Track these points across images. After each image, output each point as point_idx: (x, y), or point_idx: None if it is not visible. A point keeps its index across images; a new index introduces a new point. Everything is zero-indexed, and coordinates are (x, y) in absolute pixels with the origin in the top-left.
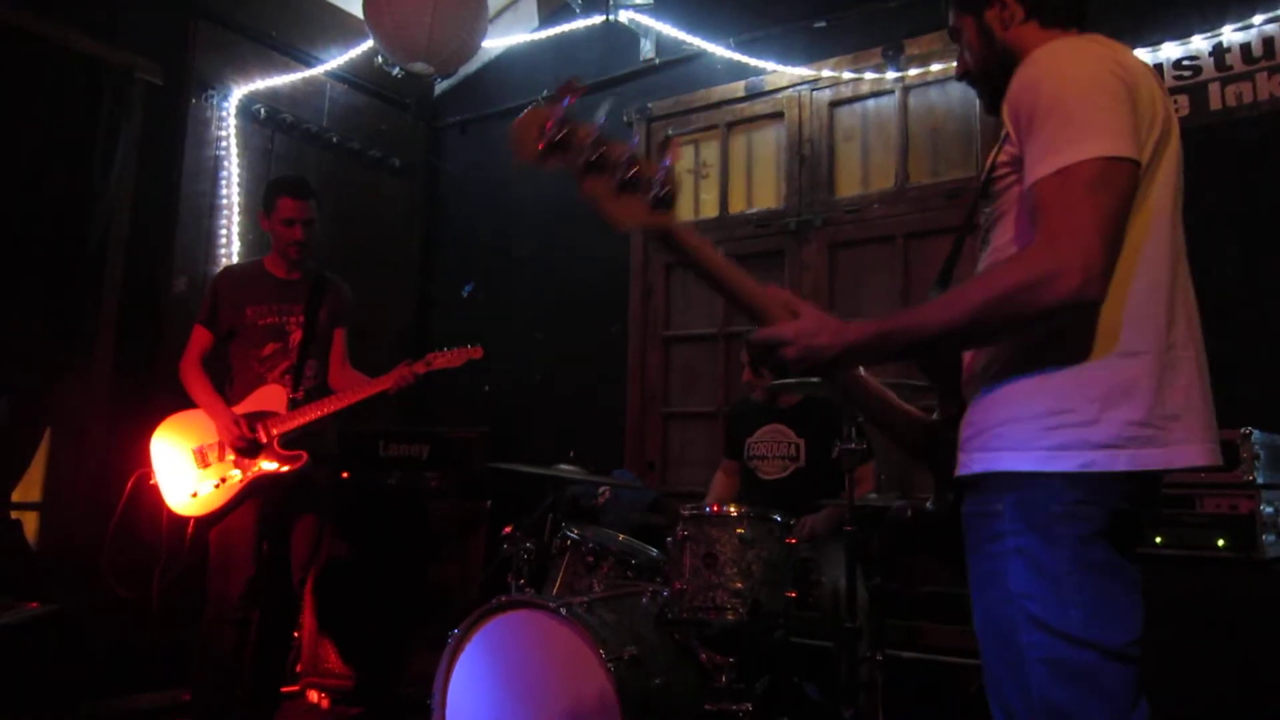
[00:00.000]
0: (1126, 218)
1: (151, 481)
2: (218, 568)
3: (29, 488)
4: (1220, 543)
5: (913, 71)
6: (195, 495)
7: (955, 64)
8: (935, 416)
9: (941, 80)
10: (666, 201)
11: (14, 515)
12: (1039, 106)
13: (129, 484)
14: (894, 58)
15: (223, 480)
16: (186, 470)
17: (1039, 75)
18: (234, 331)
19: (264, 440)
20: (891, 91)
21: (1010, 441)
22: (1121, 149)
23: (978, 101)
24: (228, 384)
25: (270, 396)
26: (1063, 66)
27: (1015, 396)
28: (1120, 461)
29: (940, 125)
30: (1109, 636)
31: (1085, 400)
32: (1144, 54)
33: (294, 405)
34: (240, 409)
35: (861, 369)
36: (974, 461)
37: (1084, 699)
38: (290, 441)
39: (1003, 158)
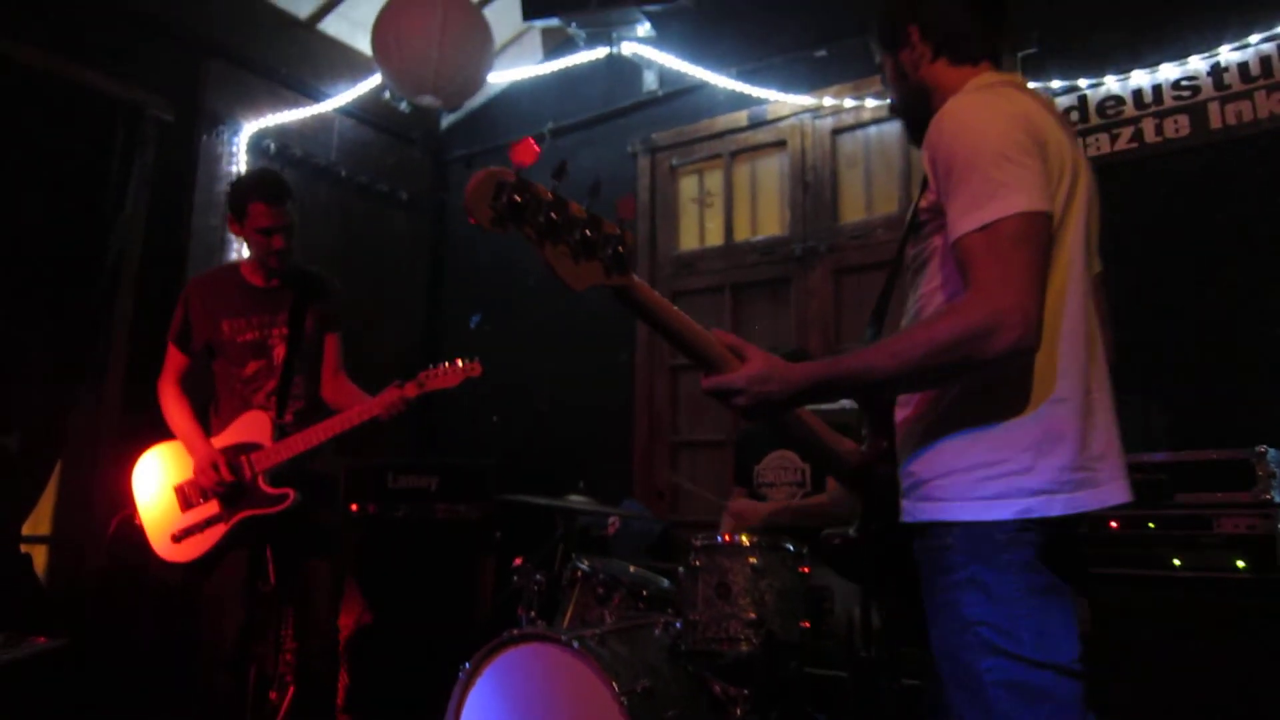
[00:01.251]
0: (1047, 268)
1: (136, 522)
2: (209, 613)
3: (39, 521)
4: (1240, 564)
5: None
6: (178, 540)
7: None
8: (864, 447)
9: None
10: (621, 262)
11: (24, 548)
12: (956, 163)
13: (111, 528)
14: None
15: (207, 524)
16: (169, 511)
17: (955, 131)
18: (212, 348)
19: (247, 478)
20: (893, 118)
21: (951, 493)
22: (1037, 204)
23: None
24: (212, 407)
25: (254, 424)
26: (976, 124)
27: (953, 447)
28: (1056, 506)
29: None
30: (1059, 654)
31: (1019, 449)
32: (1142, 75)
33: (281, 433)
34: (222, 440)
35: None
36: (919, 511)
37: (1045, 717)
38: (278, 476)
39: (924, 204)
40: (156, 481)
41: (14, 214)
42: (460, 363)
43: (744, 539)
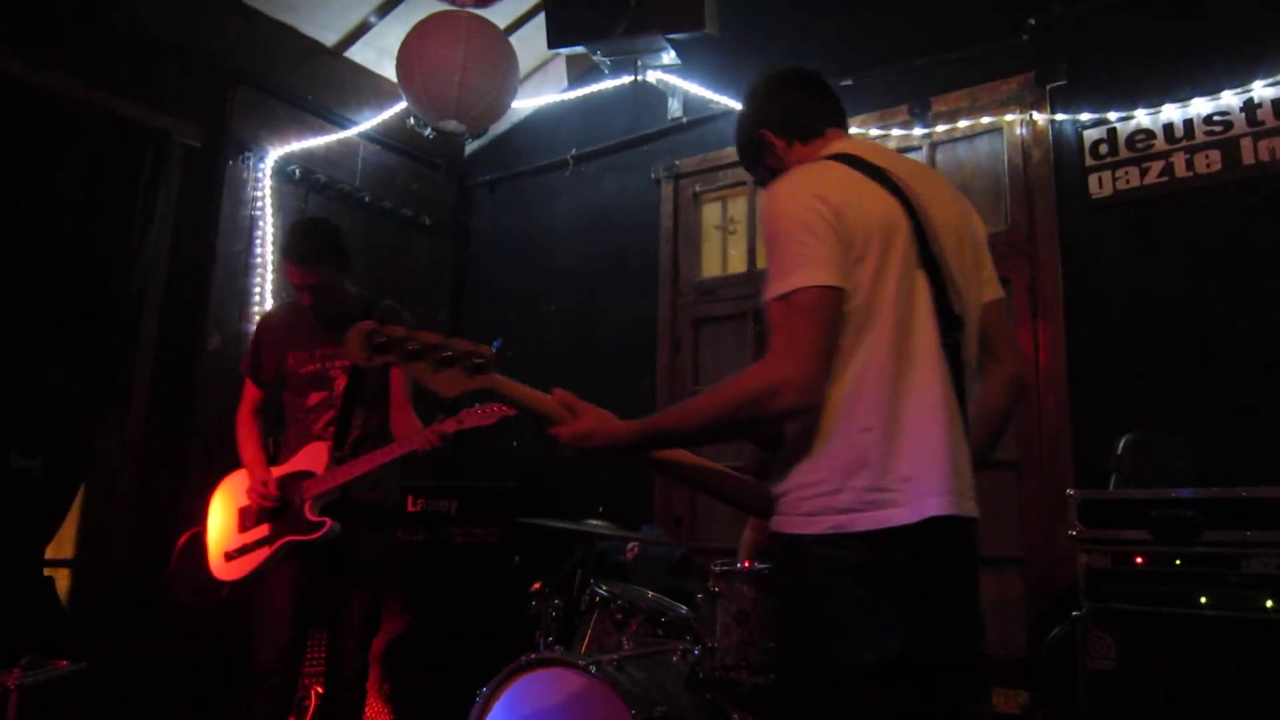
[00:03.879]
0: (835, 333)
1: (203, 540)
2: (250, 633)
3: (61, 544)
4: (1268, 603)
5: (940, 128)
6: (230, 559)
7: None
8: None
9: (969, 136)
10: (479, 368)
11: (47, 572)
12: (767, 238)
13: (181, 541)
14: (921, 114)
15: (256, 545)
16: (229, 530)
17: (766, 211)
18: (281, 380)
19: (296, 503)
20: (919, 148)
21: (785, 508)
22: (824, 279)
23: (1007, 156)
24: (283, 437)
25: (313, 454)
26: (779, 206)
27: (787, 472)
28: (860, 523)
29: (969, 180)
30: (853, 662)
31: (831, 472)
32: (1173, 109)
33: (337, 463)
34: (282, 469)
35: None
36: (771, 522)
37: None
38: (328, 505)
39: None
40: (226, 503)
41: (42, 239)
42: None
43: (762, 566)
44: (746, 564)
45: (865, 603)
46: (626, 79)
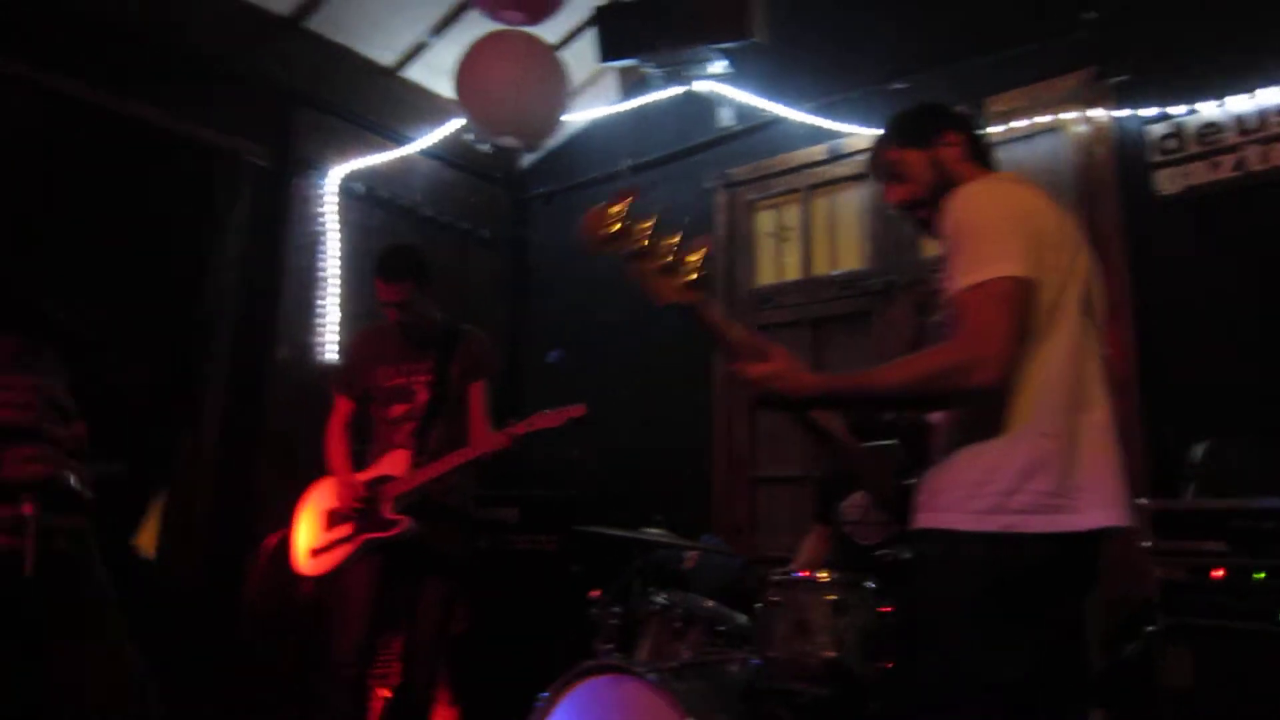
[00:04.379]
0: (1024, 324)
1: (291, 540)
2: (331, 629)
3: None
4: None
5: (997, 129)
6: (315, 556)
7: (891, 194)
8: (909, 481)
9: (1028, 136)
10: (697, 284)
11: None
12: (961, 230)
13: (271, 542)
14: (976, 115)
15: (338, 543)
16: (315, 530)
17: (965, 207)
18: (367, 394)
19: (379, 505)
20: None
21: (947, 504)
22: (1022, 270)
23: (1068, 155)
24: (371, 448)
25: (395, 461)
26: (983, 201)
27: (957, 467)
28: (1033, 524)
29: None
30: (995, 675)
31: (1008, 472)
32: (1243, 100)
33: (417, 469)
34: (367, 474)
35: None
36: (925, 517)
37: None
38: (407, 507)
39: (945, 277)
40: (315, 505)
41: (121, 257)
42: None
43: (822, 574)
44: (805, 573)
45: (1023, 614)
46: (677, 89)
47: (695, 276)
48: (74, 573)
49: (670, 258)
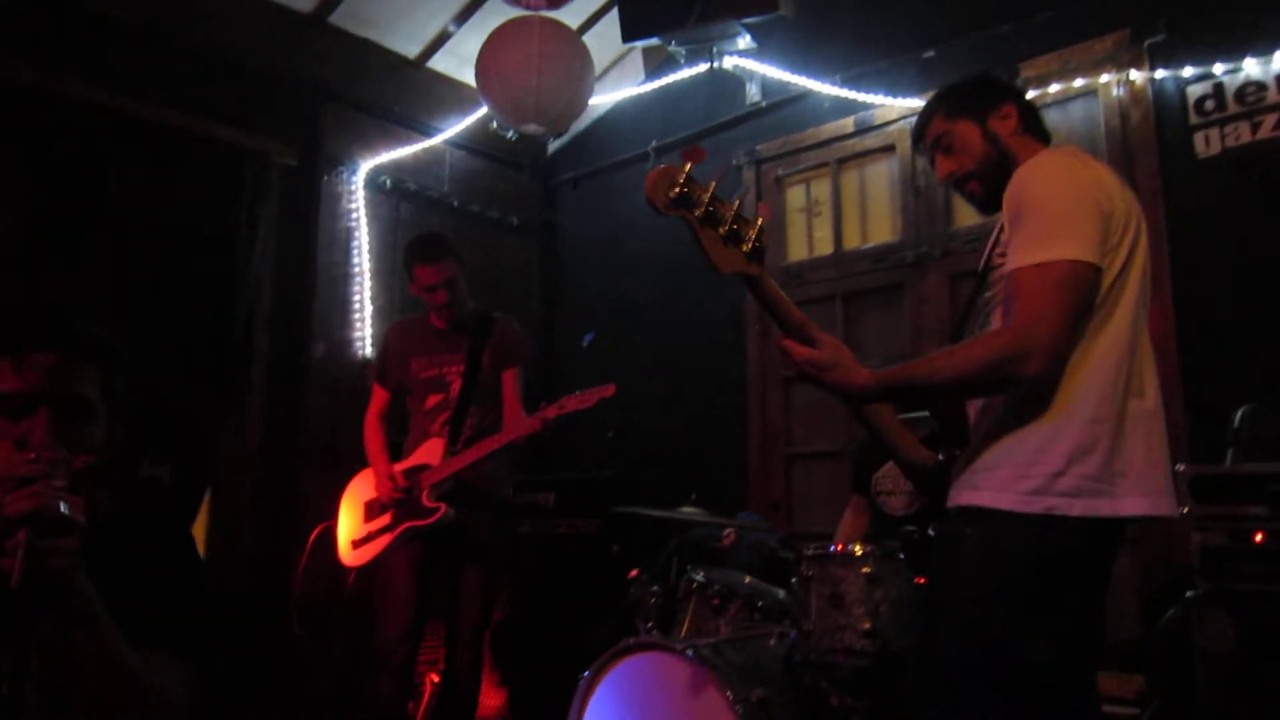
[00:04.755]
0: (1084, 311)
1: (334, 532)
2: (376, 616)
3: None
4: None
5: (1029, 94)
6: (357, 546)
7: (939, 167)
8: (941, 457)
9: (1062, 100)
10: (759, 254)
11: None
12: (1026, 205)
13: (314, 534)
14: (1009, 80)
15: (379, 533)
16: (357, 521)
17: (1032, 180)
18: (403, 385)
19: (415, 493)
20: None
21: (992, 483)
22: (1087, 255)
23: (1103, 119)
24: (405, 439)
25: (430, 450)
26: (1053, 177)
27: (1004, 448)
28: (1076, 507)
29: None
30: (1034, 655)
31: (1058, 454)
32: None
33: (452, 456)
34: (403, 464)
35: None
36: (964, 496)
37: (1005, 704)
38: (444, 494)
39: (1000, 250)
40: (354, 497)
41: (157, 263)
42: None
43: (856, 548)
44: (839, 547)
45: (1061, 600)
46: (703, 67)
47: (755, 246)
48: (65, 586)
49: (734, 225)
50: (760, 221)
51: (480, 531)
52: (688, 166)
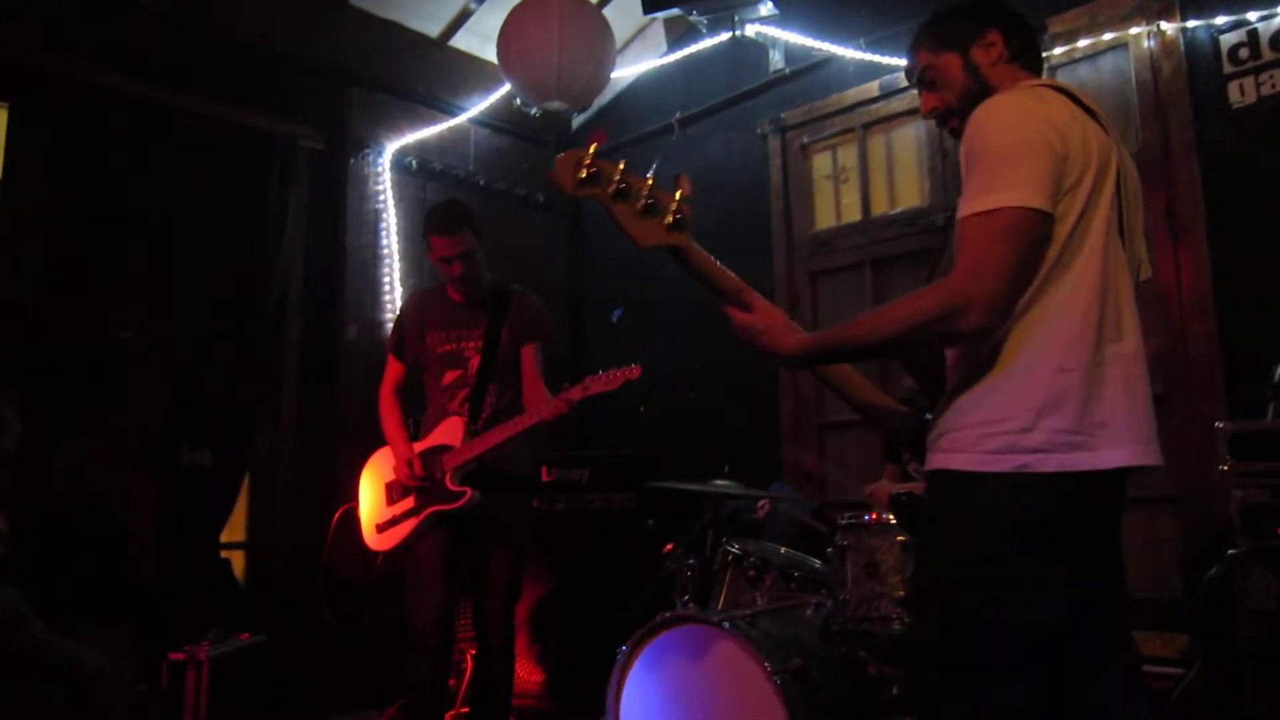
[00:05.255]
0: (1034, 259)
1: (356, 514)
2: (408, 599)
3: (234, 529)
4: None
5: (1058, 50)
6: (381, 531)
7: (923, 103)
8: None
9: (1091, 55)
10: (681, 225)
11: (223, 555)
12: (975, 150)
13: (336, 516)
14: (1039, 35)
15: (404, 517)
16: (378, 505)
17: (983, 124)
18: (419, 360)
19: (438, 476)
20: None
21: (960, 444)
22: (1034, 201)
23: (1134, 72)
24: (424, 415)
25: (450, 429)
26: (1002, 120)
27: (967, 406)
28: (1050, 464)
29: None
30: (1029, 614)
31: (1023, 410)
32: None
33: (472, 436)
34: (422, 444)
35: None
36: (933, 460)
37: (1001, 666)
38: (467, 476)
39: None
40: (374, 478)
41: (189, 252)
42: (621, 369)
43: (890, 516)
44: (874, 516)
45: (1039, 559)
46: (725, 36)
47: (676, 218)
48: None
49: (650, 199)
50: (680, 193)
51: (505, 514)
52: (593, 147)
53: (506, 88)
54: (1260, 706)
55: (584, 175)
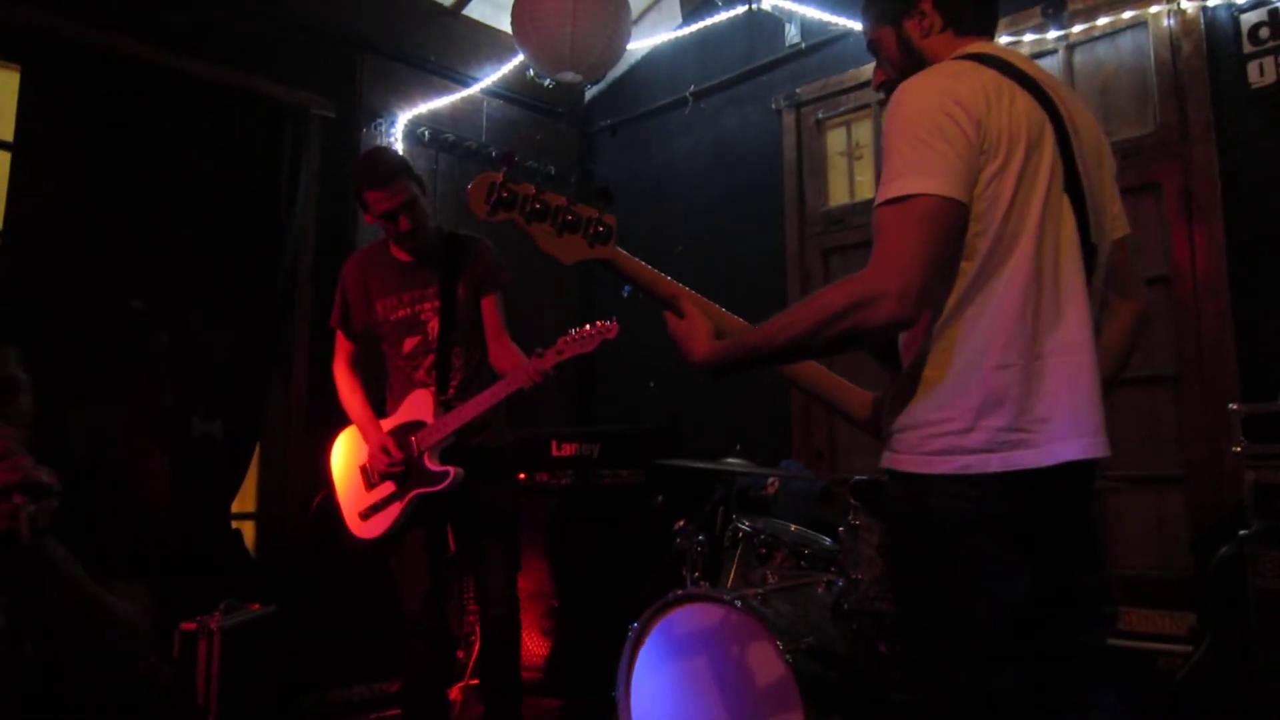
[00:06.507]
0: (946, 247)
1: (335, 499)
2: (396, 584)
3: (245, 499)
4: None
5: (1077, 28)
6: (365, 518)
7: (875, 73)
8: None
9: (1110, 33)
10: (603, 238)
11: (235, 525)
12: (887, 133)
13: (313, 504)
14: (1055, 15)
15: (386, 502)
16: (357, 490)
17: (895, 108)
18: (374, 330)
19: (415, 455)
20: (1055, 51)
21: (904, 446)
22: (944, 188)
23: (1153, 51)
24: (387, 388)
25: (419, 403)
26: (911, 104)
27: (911, 406)
28: (992, 464)
29: (1110, 82)
30: (980, 612)
31: (961, 409)
32: None
33: (444, 409)
34: (391, 422)
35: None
36: (885, 459)
37: (961, 669)
38: (444, 453)
39: None
40: (347, 462)
41: (200, 221)
42: (597, 324)
43: None
44: None
45: (992, 554)
46: (741, 9)
47: (599, 230)
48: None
49: (566, 216)
50: (602, 205)
51: (490, 490)
52: (503, 171)
53: (520, 58)
54: (1269, 683)
55: (495, 199)
